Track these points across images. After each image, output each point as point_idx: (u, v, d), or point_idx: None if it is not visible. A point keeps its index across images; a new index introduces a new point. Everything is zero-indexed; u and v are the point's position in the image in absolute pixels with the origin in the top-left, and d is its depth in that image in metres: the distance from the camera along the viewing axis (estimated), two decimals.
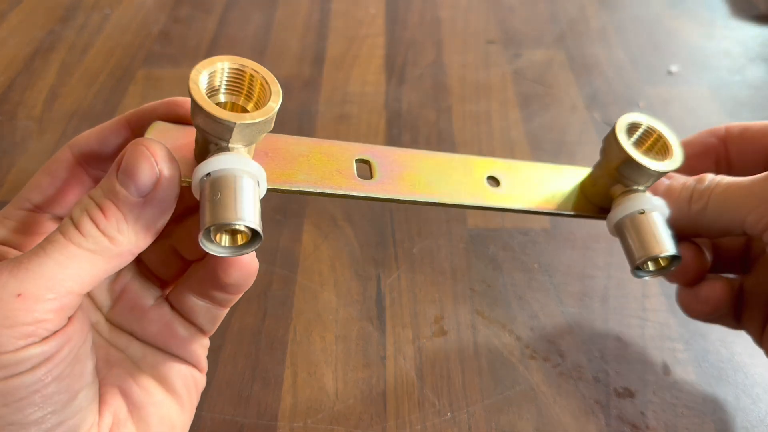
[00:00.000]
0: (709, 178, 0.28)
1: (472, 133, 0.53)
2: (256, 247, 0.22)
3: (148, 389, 0.25)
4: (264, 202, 0.23)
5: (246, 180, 0.21)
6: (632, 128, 0.30)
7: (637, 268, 0.29)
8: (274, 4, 0.71)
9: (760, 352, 0.32)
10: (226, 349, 0.38)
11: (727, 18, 0.69)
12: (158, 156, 0.21)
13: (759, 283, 0.31)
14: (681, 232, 0.29)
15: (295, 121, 0.54)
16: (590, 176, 0.32)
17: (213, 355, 0.37)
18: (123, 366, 0.25)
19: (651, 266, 0.29)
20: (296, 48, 0.64)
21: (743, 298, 0.32)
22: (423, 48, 0.64)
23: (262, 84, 0.23)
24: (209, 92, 0.22)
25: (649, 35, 0.66)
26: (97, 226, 0.20)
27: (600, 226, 0.31)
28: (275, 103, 0.22)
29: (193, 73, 0.21)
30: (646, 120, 0.30)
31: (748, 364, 0.37)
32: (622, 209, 0.29)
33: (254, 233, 0.21)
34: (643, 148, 0.30)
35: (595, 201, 0.32)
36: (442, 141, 0.52)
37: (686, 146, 0.30)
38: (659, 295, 0.41)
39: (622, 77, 0.60)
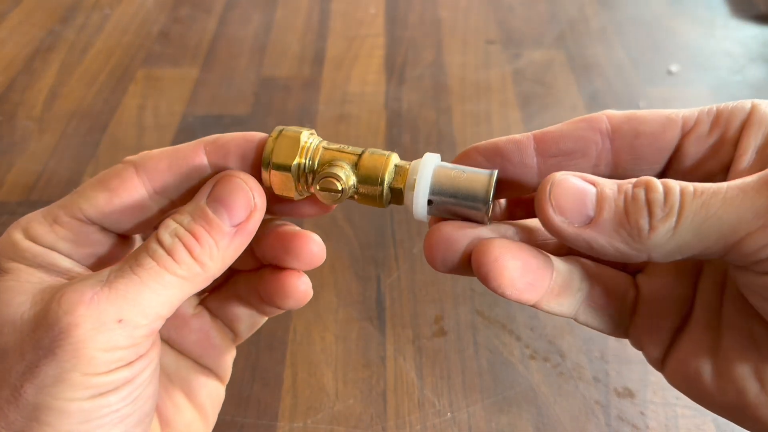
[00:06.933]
0: (672, 184, 0.18)
1: (472, 133, 0.53)
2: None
3: (179, 406, 0.26)
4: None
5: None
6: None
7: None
8: (274, 4, 0.71)
9: None
10: None
11: (727, 18, 0.69)
12: (255, 189, 0.21)
13: (657, 286, 0.23)
14: (622, 259, 0.19)
15: (295, 121, 0.54)
16: None
17: None
18: (159, 380, 0.25)
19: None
20: (296, 48, 0.64)
21: (637, 303, 0.23)
22: (423, 48, 0.64)
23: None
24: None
25: (649, 35, 0.66)
26: (191, 253, 0.20)
27: None
28: None
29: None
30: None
31: None
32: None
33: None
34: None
35: None
36: (442, 141, 0.52)
37: (558, 138, 0.22)
38: None
39: (622, 77, 0.60)
